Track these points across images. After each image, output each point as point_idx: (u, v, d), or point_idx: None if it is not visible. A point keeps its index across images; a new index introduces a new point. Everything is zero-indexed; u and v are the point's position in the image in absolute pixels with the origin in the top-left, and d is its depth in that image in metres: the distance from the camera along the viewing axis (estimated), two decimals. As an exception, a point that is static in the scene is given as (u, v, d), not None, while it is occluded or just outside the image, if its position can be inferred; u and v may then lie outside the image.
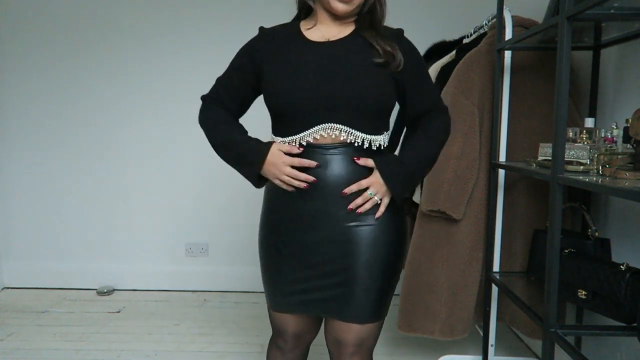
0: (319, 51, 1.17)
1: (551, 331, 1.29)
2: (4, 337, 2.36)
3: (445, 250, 1.82)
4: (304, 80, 1.14)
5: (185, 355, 2.21)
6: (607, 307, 1.36)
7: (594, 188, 1.13)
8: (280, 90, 1.15)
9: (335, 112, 1.14)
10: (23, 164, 2.98)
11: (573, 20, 1.22)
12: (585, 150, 1.33)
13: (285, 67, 1.17)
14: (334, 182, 1.16)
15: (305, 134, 1.15)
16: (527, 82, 1.82)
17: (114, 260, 3.04)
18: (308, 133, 1.15)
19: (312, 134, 1.15)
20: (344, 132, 1.15)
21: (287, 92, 1.14)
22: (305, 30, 1.22)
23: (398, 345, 2.29)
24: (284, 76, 1.16)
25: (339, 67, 1.15)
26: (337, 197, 1.16)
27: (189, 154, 2.96)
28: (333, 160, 1.16)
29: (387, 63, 1.16)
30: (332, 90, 1.13)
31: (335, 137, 1.15)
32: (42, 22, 2.88)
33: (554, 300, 1.29)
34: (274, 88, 1.17)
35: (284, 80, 1.15)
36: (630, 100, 1.61)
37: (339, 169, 1.16)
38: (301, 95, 1.13)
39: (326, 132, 1.14)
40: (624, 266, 1.32)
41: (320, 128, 1.14)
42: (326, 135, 1.15)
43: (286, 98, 1.14)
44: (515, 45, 1.71)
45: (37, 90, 2.92)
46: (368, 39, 1.17)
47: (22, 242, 3.03)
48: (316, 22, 1.22)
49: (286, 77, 1.15)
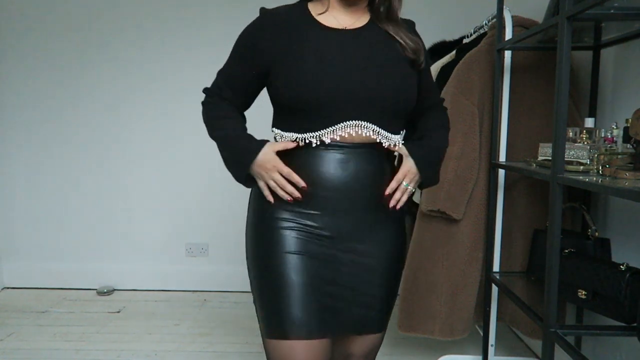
0: (342, 40, 1.05)
1: (551, 331, 1.29)
2: (4, 337, 2.36)
3: (445, 250, 1.82)
4: (332, 72, 1.01)
5: (185, 355, 2.21)
6: (607, 307, 1.36)
7: (594, 188, 1.13)
8: (303, 82, 1.01)
9: (366, 109, 1.03)
10: (23, 164, 2.98)
11: (573, 20, 1.22)
12: (585, 150, 1.33)
13: (306, 56, 1.02)
14: (360, 184, 1.06)
15: (329, 130, 1.03)
16: (527, 82, 1.82)
17: (114, 260, 3.04)
18: (332, 130, 1.03)
19: (336, 130, 1.03)
20: (372, 131, 1.05)
21: (312, 83, 1.00)
22: (317, 16, 1.08)
23: (398, 345, 2.29)
24: (307, 66, 1.01)
25: (370, 59, 1.04)
26: (365, 201, 1.07)
27: (189, 154, 2.96)
28: (359, 159, 1.06)
29: (416, 59, 1.09)
30: (366, 84, 1.02)
31: (366, 136, 1.05)
32: (42, 22, 2.87)
33: (554, 300, 1.29)
34: (292, 79, 1.02)
35: (307, 70, 1.01)
36: (630, 100, 1.61)
37: (364, 170, 1.06)
38: (330, 87, 1.00)
39: (354, 130, 1.03)
40: (624, 266, 1.32)
41: (347, 125, 1.03)
42: (354, 134, 1.04)
43: (311, 91, 1.00)
44: (515, 45, 1.71)
45: (37, 90, 2.92)
46: (389, 31, 1.08)
47: (22, 242, 3.03)
48: (328, 6, 1.09)
49: (309, 67, 1.01)
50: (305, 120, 1.04)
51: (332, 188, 1.05)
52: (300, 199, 1.05)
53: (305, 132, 1.04)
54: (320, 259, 1.06)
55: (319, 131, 1.03)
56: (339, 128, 1.03)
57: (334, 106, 1.02)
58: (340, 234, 1.07)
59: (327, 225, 1.06)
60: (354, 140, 1.05)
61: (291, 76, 1.02)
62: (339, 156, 1.05)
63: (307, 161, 1.06)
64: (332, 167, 1.05)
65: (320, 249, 1.06)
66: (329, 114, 1.02)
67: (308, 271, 1.05)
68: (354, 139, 1.04)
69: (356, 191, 1.06)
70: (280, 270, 1.04)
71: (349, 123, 1.03)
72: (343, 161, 1.05)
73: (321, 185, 1.05)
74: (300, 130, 1.05)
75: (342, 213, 1.07)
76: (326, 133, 1.03)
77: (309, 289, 1.04)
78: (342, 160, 1.05)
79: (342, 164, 1.05)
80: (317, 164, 1.05)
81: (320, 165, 1.05)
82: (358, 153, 1.06)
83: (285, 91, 1.03)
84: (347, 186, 1.05)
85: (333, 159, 1.05)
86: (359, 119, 1.03)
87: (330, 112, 1.02)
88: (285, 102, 1.05)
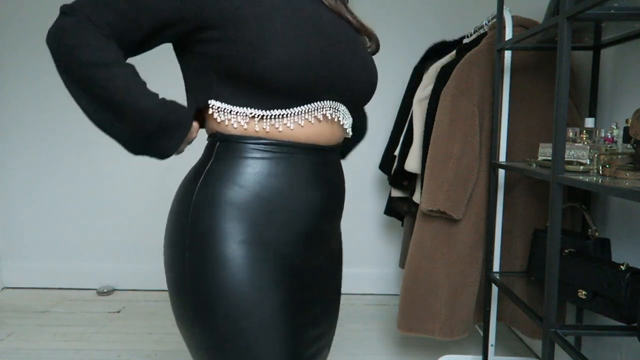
0: (325, 9, 0.83)
1: (551, 331, 1.29)
2: (4, 337, 2.36)
3: (445, 250, 1.82)
4: (334, 44, 0.79)
5: (185, 355, 2.20)
6: (607, 307, 1.36)
7: (594, 188, 1.13)
8: (305, 55, 0.73)
9: (350, 93, 0.84)
10: (23, 164, 2.98)
11: (573, 20, 1.22)
12: (585, 150, 1.33)
13: (291, 21, 0.74)
14: (339, 183, 0.90)
15: (302, 109, 0.79)
16: (527, 82, 1.82)
17: (114, 260, 3.04)
18: (305, 110, 0.79)
19: (311, 111, 0.80)
20: (347, 122, 0.87)
21: (317, 58, 0.75)
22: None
23: (398, 345, 2.29)
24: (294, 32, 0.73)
25: (348, 35, 0.84)
26: (341, 205, 0.92)
27: (189, 153, 2.95)
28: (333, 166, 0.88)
29: (376, 49, 0.94)
30: (366, 63, 0.86)
31: (339, 124, 0.86)
32: (42, 21, 2.87)
33: (554, 300, 1.29)
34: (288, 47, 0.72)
35: (295, 39, 0.73)
36: (630, 100, 1.61)
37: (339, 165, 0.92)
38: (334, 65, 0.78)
39: (332, 115, 0.83)
40: (624, 266, 1.32)
41: (324, 107, 0.81)
42: (328, 126, 0.84)
43: (317, 67, 0.75)
44: (515, 45, 1.71)
45: (36, 89, 2.92)
46: (331, 7, 0.84)
47: (22, 242, 3.03)
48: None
49: (299, 36, 0.74)
50: (268, 94, 0.76)
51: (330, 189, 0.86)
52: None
53: (268, 109, 0.77)
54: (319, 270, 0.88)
55: (289, 109, 0.77)
56: (314, 108, 0.79)
57: (315, 87, 0.78)
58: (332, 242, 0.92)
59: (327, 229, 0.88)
60: (326, 139, 0.83)
61: (284, 42, 0.72)
62: (314, 160, 0.82)
63: (263, 170, 0.79)
64: (304, 181, 0.81)
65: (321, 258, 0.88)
66: (304, 91, 0.77)
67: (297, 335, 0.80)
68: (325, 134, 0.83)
69: (340, 190, 0.90)
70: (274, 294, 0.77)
71: (326, 104, 0.81)
72: (318, 171, 0.83)
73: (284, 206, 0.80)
74: (261, 106, 0.77)
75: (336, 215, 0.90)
76: (298, 113, 0.78)
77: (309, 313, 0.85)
78: (317, 170, 0.83)
79: (317, 177, 0.83)
80: (280, 176, 0.80)
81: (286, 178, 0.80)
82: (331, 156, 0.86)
83: (269, 63, 0.72)
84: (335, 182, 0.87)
85: (305, 168, 0.81)
86: (338, 101, 0.83)
87: (307, 89, 0.78)
88: (259, 74, 0.73)
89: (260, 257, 0.75)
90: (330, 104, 0.81)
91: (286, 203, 0.78)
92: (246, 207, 0.76)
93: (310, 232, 0.82)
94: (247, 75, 0.73)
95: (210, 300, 0.73)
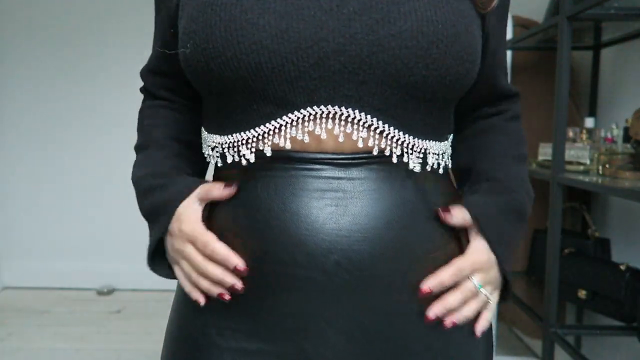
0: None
1: (551, 331, 1.29)
2: (4, 337, 2.36)
3: (445, 250, 1.81)
4: (292, 11, 0.48)
5: (185, 355, 2.21)
6: (607, 307, 1.36)
7: (594, 188, 1.14)
8: (232, 26, 0.48)
9: (354, 84, 0.49)
10: (23, 164, 2.98)
11: (573, 20, 1.22)
12: (585, 150, 1.33)
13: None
14: (371, 253, 0.50)
15: (285, 121, 0.50)
16: (527, 82, 1.82)
17: (114, 260, 3.03)
18: (290, 121, 0.50)
19: (289, 130, 0.50)
20: (370, 130, 0.50)
21: (253, 30, 0.48)
22: None
23: (398, 345, 2.28)
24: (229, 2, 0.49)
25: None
26: (389, 295, 0.52)
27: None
28: (362, 191, 0.50)
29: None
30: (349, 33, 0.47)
31: (353, 139, 0.50)
32: (42, 22, 2.87)
33: (554, 300, 1.29)
34: (206, 20, 0.49)
35: (239, 5, 0.48)
36: (630, 100, 1.61)
37: (377, 214, 0.51)
38: (293, 39, 0.47)
39: (327, 128, 0.50)
40: (624, 266, 1.32)
41: (312, 116, 0.50)
42: (326, 137, 0.50)
43: (249, 46, 0.48)
44: (515, 45, 1.71)
45: (36, 89, 2.92)
46: None
47: (22, 241, 3.03)
48: None
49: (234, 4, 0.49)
50: (235, 108, 0.52)
51: (305, 264, 0.49)
52: (239, 291, 0.52)
53: (234, 132, 0.53)
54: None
55: (255, 130, 0.51)
56: (298, 122, 0.50)
57: (285, 81, 0.49)
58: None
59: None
60: (330, 149, 0.50)
61: (204, 15, 0.49)
62: (317, 184, 0.50)
63: (248, 199, 0.52)
64: (305, 210, 0.49)
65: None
66: (275, 98, 0.50)
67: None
68: (327, 146, 0.50)
69: (365, 270, 0.50)
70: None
71: (318, 111, 0.49)
72: (328, 197, 0.50)
73: (276, 257, 0.50)
74: (229, 129, 0.53)
75: (334, 324, 0.51)
76: (269, 135, 0.51)
77: None
78: (324, 195, 0.50)
79: (327, 204, 0.50)
80: (268, 204, 0.51)
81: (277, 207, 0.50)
82: (357, 177, 0.50)
83: (193, 55, 0.51)
84: (344, 257, 0.49)
85: (306, 191, 0.50)
86: (339, 104, 0.49)
87: (279, 94, 0.49)
88: (193, 69, 0.52)
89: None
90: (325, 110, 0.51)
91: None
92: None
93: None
94: (194, 81, 0.57)
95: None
